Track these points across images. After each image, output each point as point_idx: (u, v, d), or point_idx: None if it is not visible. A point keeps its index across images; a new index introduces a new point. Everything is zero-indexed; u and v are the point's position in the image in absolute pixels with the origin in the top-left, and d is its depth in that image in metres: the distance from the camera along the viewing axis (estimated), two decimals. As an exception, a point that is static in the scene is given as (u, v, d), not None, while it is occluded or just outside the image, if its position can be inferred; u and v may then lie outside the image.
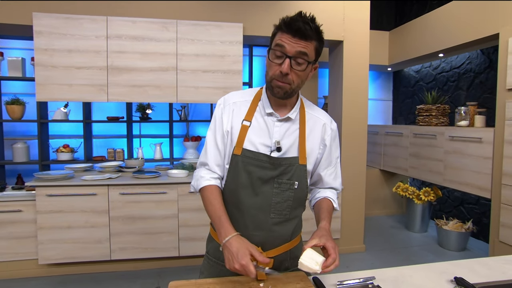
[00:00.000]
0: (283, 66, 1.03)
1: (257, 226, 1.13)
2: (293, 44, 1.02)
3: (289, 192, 1.14)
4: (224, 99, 1.20)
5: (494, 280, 1.19)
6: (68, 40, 2.86)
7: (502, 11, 2.83)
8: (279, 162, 1.12)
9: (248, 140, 1.13)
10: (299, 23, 1.00)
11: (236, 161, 1.12)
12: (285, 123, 1.15)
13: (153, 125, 4.12)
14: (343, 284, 1.13)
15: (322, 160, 1.22)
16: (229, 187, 1.16)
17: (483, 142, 2.96)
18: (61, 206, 2.80)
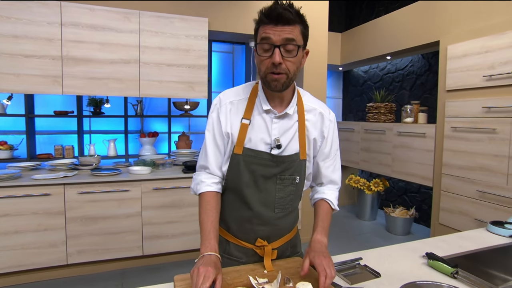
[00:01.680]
0: (274, 56, 1.01)
1: (263, 222, 1.17)
2: (278, 32, 1.00)
3: (291, 187, 1.18)
4: (219, 99, 1.19)
5: (454, 253, 1.41)
6: (14, 25, 2.61)
7: (443, 21, 3.23)
8: (282, 159, 1.13)
9: (248, 139, 1.13)
10: (278, 10, 0.99)
11: (238, 160, 1.13)
12: (283, 119, 1.15)
13: (105, 120, 3.92)
14: (337, 266, 1.26)
15: (320, 151, 1.23)
16: (232, 185, 1.17)
17: (426, 136, 3.36)
18: (7, 209, 2.56)
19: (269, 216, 1.17)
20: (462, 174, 2.95)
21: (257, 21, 1.05)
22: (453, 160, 3.03)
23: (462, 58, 2.91)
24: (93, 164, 3.17)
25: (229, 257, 1.22)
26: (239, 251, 1.22)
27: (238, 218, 1.18)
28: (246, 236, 1.20)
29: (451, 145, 3.04)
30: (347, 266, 1.28)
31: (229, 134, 1.14)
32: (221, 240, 1.24)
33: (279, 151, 1.13)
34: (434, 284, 1.12)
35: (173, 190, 2.95)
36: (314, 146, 1.21)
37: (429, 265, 1.29)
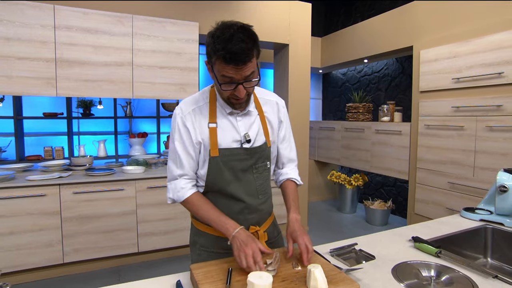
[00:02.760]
0: (239, 92, 1.07)
1: (251, 210, 1.25)
2: (240, 72, 1.02)
3: (266, 173, 1.29)
4: (181, 109, 1.20)
5: (435, 236, 1.55)
6: (5, 27, 2.56)
7: (415, 27, 3.43)
8: (254, 150, 1.22)
9: (220, 140, 1.18)
10: (239, 56, 0.99)
11: (216, 162, 1.18)
12: (246, 116, 1.23)
13: (94, 122, 3.88)
14: (334, 251, 1.36)
15: (281, 134, 1.35)
16: (215, 186, 1.21)
17: (402, 134, 3.55)
18: (3, 210, 2.52)
19: (256, 203, 1.26)
20: (434, 167, 3.15)
21: (215, 53, 1.01)
22: (426, 155, 3.23)
23: (433, 62, 3.11)
24: (86, 165, 3.15)
25: (227, 251, 1.23)
26: None
27: (229, 214, 1.19)
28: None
29: (425, 141, 3.24)
30: (344, 251, 1.38)
31: (200, 142, 1.18)
32: (216, 238, 1.27)
33: (250, 144, 1.22)
34: (423, 263, 1.24)
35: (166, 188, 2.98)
36: (273, 131, 1.32)
37: (415, 247, 1.41)
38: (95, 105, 3.69)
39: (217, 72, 1.07)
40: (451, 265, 1.23)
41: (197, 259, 1.30)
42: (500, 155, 2.59)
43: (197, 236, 1.32)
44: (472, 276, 1.14)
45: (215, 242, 1.27)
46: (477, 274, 1.16)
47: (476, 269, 1.19)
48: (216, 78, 1.09)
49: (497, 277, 1.14)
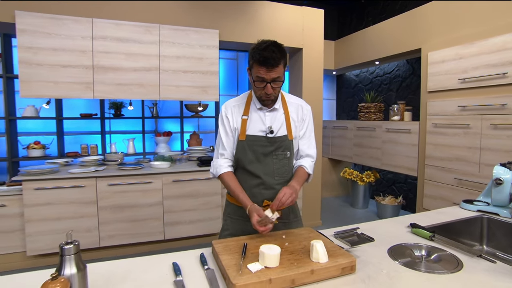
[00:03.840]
0: (267, 89, 1.38)
1: (266, 186, 1.50)
2: (269, 74, 1.35)
3: (285, 160, 1.52)
4: (225, 106, 1.55)
5: (433, 223, 1.66)
6: (53, 39, 2.84)
7: (423, 31, 3.49)
8: (274, 140, 1.48)
9: (249, 129, 1.49)
10: (270, 60, 1.31)
11: (242, 144, 1.48)
12: (272, 112, 1.51)
13: (124, 122, 4.14)
14: (338, 234, 1.50)
15: (301, 132, 1.57)
16: (241, 163, 1.51)
17: (411, 132, 3.61)
18: (49, 198, 2.80)
19: (271, 182, 1.51)
20: (442, 164, 3.21)
21: (254, 58, 1.35)
22: (434, 152, 3.29)
23: (440, 63, 3.17)
24: (118, 160, 3.40)
25: (241, 218, 1.54)
26: None
27: (248, 186, 1.49)
28: (255, 200, 1.47)
29: (433, 139, 3.30)
30: (346, 234, 1.51)
31: (235, 128, 1.51)
32: (234, 206, 1.58)
33: (272, 135, 1.48)
34: (416, 245, 1.37)
35: (190, 182, 3.19)
36: (296, 128, 1.56)
37: (412, 232, 1.53)
38: (125, 107, 3.95)
39: (253, 73, 1.39)
40: (442, 247, 1.35)
41: (224, 223, 1.63)
42: (504, 152, 2.64)
43: (227, 206, 1.65)
44: (459, 256, 1.26)
45: (236, 210, 1.57)
46: (464, 254, 1.28)
47: (462, 250, 1.30)
48: (252, 79, 1.41)
49: (481, 256, 1.25)
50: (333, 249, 1.20)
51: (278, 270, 1.04)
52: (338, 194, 5.51)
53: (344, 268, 1.11)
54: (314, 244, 1.12)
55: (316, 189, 3.97)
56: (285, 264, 1.08)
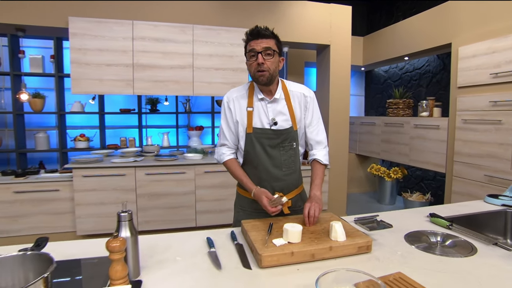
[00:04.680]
0: (258, 59, 1.39)
1: (275, 179, 1.54)
2: (259, 43, 1.39)
3: (291, 151, 1.54)
4: (227, 97, 1.55)
5: (453, 214, 1.70)
6: (99, 41, 3.11)
7: (454, 25, 3.42)
8: (280, 132, 1.50)
9: (254, 121, 1.50)
10: (257, 29, 1.40)
11: (250, 137, 1.50)
12: (274, 103, 1.51)
13: (159, 117, 4.41)
14: (358, 220, 1.60)
15: (307, 121, 1.58)
16: (249, 156, 1.53)
17: (440, 128, 3.57)
18: (95, 185, 3.08)
19: (279, 174, 1.54)
20: (471, 161, 3.16)
21: (246, 40, 1.45)
22: (463, 148, 3.24)
23: (472, 58, 3.11)
24: (154, 152, 3.65)
25: (255, 210, 1.59)
26: None
27: (258, 179, 1.52)
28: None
29: (462, 135, 3.25)
30: (366, 220, 1.61)
31: (237, 121, 1.52)
32: (247, 200, 1.60)
33: (277, 126, 1.50)
34: (432, 232, 1.43)
35: (220, 173, 3.37)
36: (301, 117, 1.57)
37: (431, 221, 1.59)
38: (161, 102, 4.21)
39: (247, 51, 1.44)
40: (459, 235, 1.41)
41: (236, 215, 1.68)
42: (536, 148, 2.58)
43: (238, 198, 1.69)
44: (475, 243, 1.31)
45: (249, 203, 1.61)
46: (479, 242, 1.33)
47: (478, 238, 1.36)
48: (246, 58, 1.45)
49: (496, 244, 1.30)
50: (351, 230, 1.30)
51: (299, 245, 1.16)
52: (365, 190, 5.50)
53: (360, 247, 1.21)
54: (333, 224, 1.23)
55: (342, 183, 4.02)
56: (306, 241, 1.20)
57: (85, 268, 1.10)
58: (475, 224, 1.69)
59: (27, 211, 3.00)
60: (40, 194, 3.03)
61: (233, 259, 1.17)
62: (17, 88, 3.62)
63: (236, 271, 1.09)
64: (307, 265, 1.12)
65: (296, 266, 1.12)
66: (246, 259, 1.16)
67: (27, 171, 3.18)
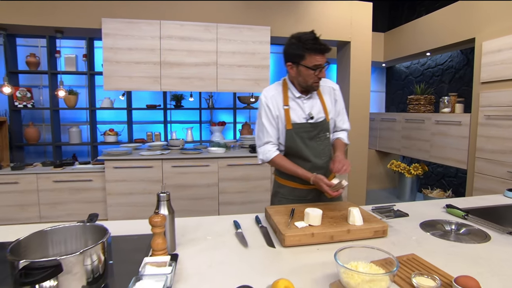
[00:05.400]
0: (322, 74, 1.55)
1: (317, 167, 1.64)
2: (323, 59, 1.52)
3: (326, 141, 1.69)
4: (264, 96, 1.66)
5: (470, 206, 1.74)
6: (129, 40, 3.30)
7: (478, 19, 3.38)
8: (317, 125, 1.64)
9: (292, 117, 1.62)
10: (323, 47, 1.49)
11: (290, 132, 1.61)
12: (309, 99, 1.66)
13: (183, 112, 4.59)
14: (375, 209, 1.68)
15: (335, 111, 1.74)
16: (291, 150, 1.65)
17: (461, 124, 3.54)
18: (125, 176, 3.29)
19: (320, 162, 1.66)
20: (494, 157, 3.13)
21: (305, 49, 1.50)
22: (486, 145, 3.22)
23: (496, 53, 3.08)
24: (179, 146, 3.82)
25: (296, 197, 1.69)
26: (303, 193, 1.70)
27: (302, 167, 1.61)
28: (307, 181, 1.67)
29: (484, 131, 3.22)
30: (384, 209, 1.68)
31: (278, 116, 1.63)
32: (288, 188, 1.71)
33: (313, 120, 1.64)
34: (448, 221, 1.49)
35: (242, 166, 3.50)
36: (331, 109, 1.71)
37: (447, 212, 1.64)
38: (185, 98, 4.38)
39: (308, 63, 1.51)
40: (473, 224, 1.46)
41: (278, 204, 1.75)
42: (561, 144, 2.54)
43: (279, 188, 1.76)
44: (489, 232, 1.37)
45: (292, 192, 1.71)
46: (494, 231, 1.38)
47: (493, 227, 1.41)
48: (305, 69, 1.53)
49: (511, 233, 1.35)
50: (368, 216, 1.38)
51: (319, 227, 1.26)
52: (384, 186, 5.49)
53: (376, 231, 1.29)
54: (351, 210, 1.32)
55: (361, 179, 4.06)
56: (325, 224, 1.30)
57: (129, 242, 1.25)
58: (492, 216, 1.70)
59: (64, 199, 3.24)
60: (76, 183, 3.26)
61: (258, 239, 1.29)
62: (54, 86, 3.88)
63: (261, 249, 1.20)
64: (326, 246, 1.21)
65: (316, 246, 1.22)
66: (270, 239, 1.28)
67: (63, 162, 3.43)
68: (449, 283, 0.93)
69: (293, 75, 1.61)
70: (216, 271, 1.04)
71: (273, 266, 1.07)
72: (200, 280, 0.98)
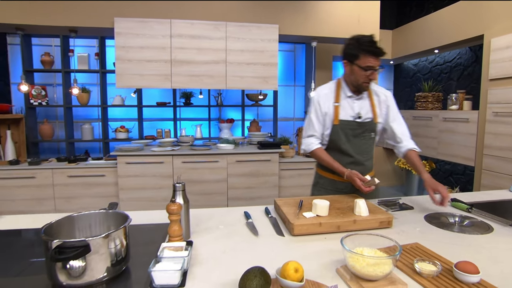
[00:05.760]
0: (373, 76, 1.62)
1: (357, 163, 1.75)
2: (376, 62, 1.60)
3: (370, 140, 1.78)
4: (317, 94, 1.78)
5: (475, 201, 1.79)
6: (141, 39, 3.39)
7: (486, 16, 3.38)
8: (362, 124, 1.73)
9: (340, 114, 1.73)
10: (378, 50, 1.57)
11: (336, 128, 1.73)
12: (360, 100, 1.75)
13: (192, 110, 4.66)
14: (381, 202, 1.73)
15: (389, 116, 1.78)
16: (333, 144, 1.76)
17: (469, 121, 3.55)
18: (137, 171, 3.38)
19: (360, 159, 1.77)
20: (502, 154, 3.14)
21: (360, 49, 1.59)
22: (494, 142, 3.23)
23: (505, 49, 3.08)
24: (189, 142, 3.90)
25: (335, 189, 1.82)
26: (341, 185, 1.79)
27: (341, 164, 1.71)
28: None
29: (492, 128, 3.23)
30: (389, 202, 1.74)
31: (326, 113, 1.74)
32: (328, 180, 1.83)
33: (360, 120, 1.73)
34: (452, 214, 1.54)
35: (251, 162, 3.56)
36: (381, 113, 1.78)
37: (451, 205, 1.69)
38: (194, 96, 4.46)
39: (362, 63, 1.60)
40: (477, 217, 1.50)
41: (318, 194, 1.87)
42: None
43: (319, 178, 1.89)
44: (492, 224, 1.41)
45: (330, 183, 1.83)
46: (497, 223, 1.43)
47: (496, 220, 1.45)
48: (358, 68, 1.62)
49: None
50: (374, 208, 1.44)
51: (327, 217, 1.32)
52: (392, 183, 5.51)
53: (382, 222, 1.35)
54: (357, 201, 1.38)
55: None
56: (333, 215, 1.36)
57: (146, 230, 1.33)
58: (497, 210, 1.73)
59: (78, 194, 3.35)
60: (89, 178, 3.37)
61: (268, 229, 1.36)
62: (67, 84, 3.99)
63: (271, 237, 1.27)
64: (333, 235, 1.27)
65: (323, 235, 1.28)
66: (280, 228, 1.34)
67: (77, 158, 3.54)
68: (450, 268, 0.98)
69: (346, 73, 1.71)
70: (229, 256, 1.11)
71: (282, 253, 1.14)
72: (215, 264, 1.05)
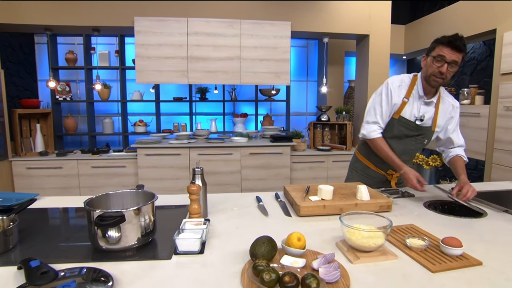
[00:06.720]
0: (442, 68, 1.53)
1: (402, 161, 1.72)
2: (451, 55, 1.51)
3: (420, 145, 1.81)
4: (392, 82, 1.73)
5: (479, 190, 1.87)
6: (159, 37, 3.57)
7: (499, 10, 3.39)
8: (420, 127, 1.74)
9: (405, 111, 1.72)
10: (457, 42, 1.49)
11: (393, 122, 1.75)
12: (427, 105, 1.72)
13: (207, 104, 4.84)
14: (384, 190, 1.84)
15: (450, 127, 1.77)
16: (387, 134, 1.78)
17: (480, 116, 3.58)
18: (155, 163, 3.58)
19: (405, 158, 1.79)
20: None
21: (438, 41, 1.56)
22: (505, 136, 3.26)
23: (516, 45, 3.11)
24: (205, 135, 4.08)
25: (365, 174, 1.93)
26: (374, 173, 1.91)
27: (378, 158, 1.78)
28: (382, 166, 1.87)
29: (503, 123, 3.26)
30: (392, 191, 1.85)
31: (395, 104, 1.73)
32: (363, 165, 1.93)
33: (420, 123, 1.73)
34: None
35: (264, 155, 3.71)
36: (441, 123, 1.77)
37: (453, 195, 1.79)
38: (210, 91, 4.63)
39: (435, 53, 1.56)
40: (474, 204, 1.61)
41: (350, 175, 1.99)
42: None
43: (356, 162, 1.99)
44: (487, 210, 1.51)
45: (364, 168, 1.94)
46: (492, 209, 1.53)
47: (491, 206, 1.55)
48: (431, 58, 1.58)
49: (507, 211, 1.49)
50: (376, 194, 1.56)
51: (330, 201, 1.46)
52: (403, 178, 5.55)
53: (381, 206, 1.47)
54: (359, 187, 1.51)
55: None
56: (336, 199, 1.49)
57: (169, 210, 1.50)
58: (499, 200, 1.80)
59: (101, 183, 3.59)
60: (111, 169, 3.59)
61: (277, 210, 1.51)
62: (89, 80, 4.23)
63: (280, 217, 1.42)
64: (336, 217, 1.40)
65: (327, 216, 1.41)
66: (288, 210, 1.49)
67: (100, 150, 3.77)
68: (438, 244, 1.11)
69: (422, 68, 1.68)
70: (242, 231, 1.26)
71: (288, 229, 1.28)
72: (229, 237, 1.21)
